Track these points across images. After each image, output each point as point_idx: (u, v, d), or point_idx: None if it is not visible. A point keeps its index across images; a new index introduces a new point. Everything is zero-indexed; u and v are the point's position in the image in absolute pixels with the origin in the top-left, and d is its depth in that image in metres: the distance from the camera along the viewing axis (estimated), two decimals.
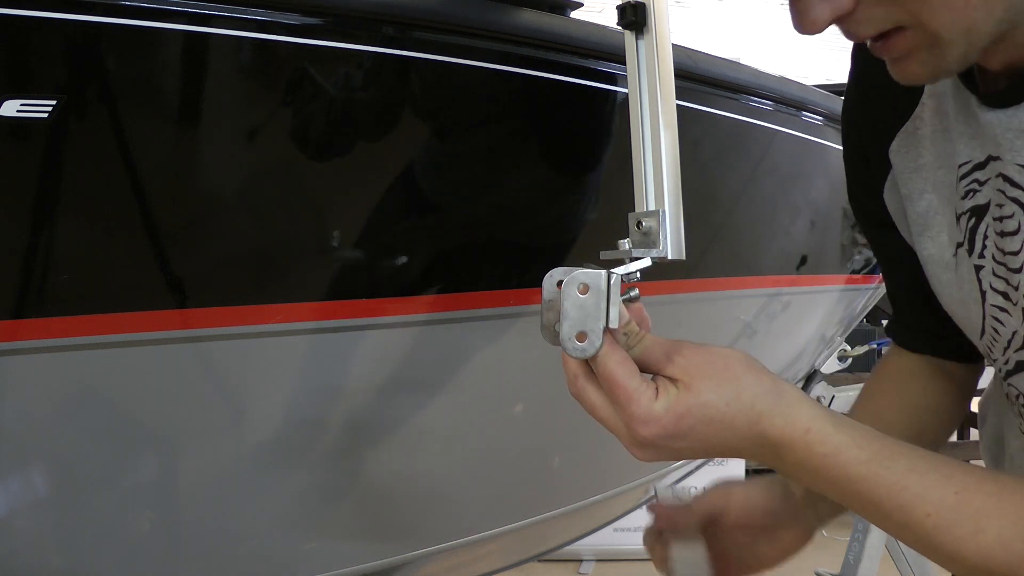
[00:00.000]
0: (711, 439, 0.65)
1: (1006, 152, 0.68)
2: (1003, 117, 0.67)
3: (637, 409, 0.64)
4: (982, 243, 0.74)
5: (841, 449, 0.64)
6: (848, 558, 2.79)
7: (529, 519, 1.60)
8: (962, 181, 0.75)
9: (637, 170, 0.83)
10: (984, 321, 0.77)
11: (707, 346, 0.67)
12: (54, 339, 1.00)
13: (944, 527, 0.63)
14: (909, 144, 0.82)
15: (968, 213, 0.75)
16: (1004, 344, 0.75)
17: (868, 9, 0.60)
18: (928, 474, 0.64)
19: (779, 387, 0.66)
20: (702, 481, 3.55)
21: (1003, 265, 0.72)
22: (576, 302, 0.63)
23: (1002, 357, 0.76)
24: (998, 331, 0.75)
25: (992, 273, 0.74)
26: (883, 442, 0.66)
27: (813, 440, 0.64)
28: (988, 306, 0.75)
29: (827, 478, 0.65)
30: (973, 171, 0.74)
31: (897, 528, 0.66)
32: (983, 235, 0.74)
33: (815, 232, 1.99)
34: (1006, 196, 0.69)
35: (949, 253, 0.80)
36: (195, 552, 1.24)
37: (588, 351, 0.63)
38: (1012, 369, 0.75)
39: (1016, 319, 0.72)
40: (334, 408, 1.26)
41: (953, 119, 0.76)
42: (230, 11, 0.99)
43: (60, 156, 0.95)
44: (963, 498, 0.63)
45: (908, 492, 0.63)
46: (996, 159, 0.70)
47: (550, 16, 1.22)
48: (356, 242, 1.17)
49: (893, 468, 0.64)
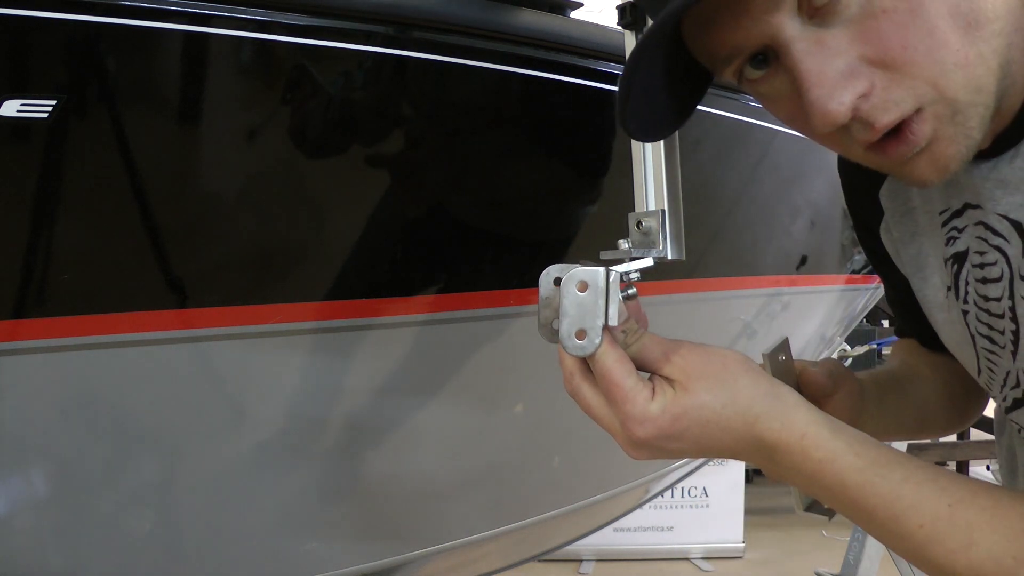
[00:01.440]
0: (706, 440, 0.65)
1: (986, 202, 0.68)
2: (982, 169, 0.67)
3: (633, 409, 0.63)
4: (964, 288, 0.74)
5: (837, 455, 0.64)
6: (848, 558, 2.79)
7: (529, 519, 1.60)
8: (943, 228, 0.76)
9: (637, 170, 0.83)
10: (979, 361, 0.77)
11: (705, 347, 0.67)
12: (54, 339, 1.00)
13: (936, 539, 0.63)
14: (896, 188, 0.82)
15: (951, 259, 0.76)
16: (1000, 383, 0.75)
17: (886, 92, 0.59)
18: (923, 485, 0.64)
19: (776, 390, 0.66)
20: (702, 480, 3.53)
21: (986, 311, 0.72)
22: (575, 300, 0.63)
23: (1000, 394, 0.76)
24: (993, 371, 0.75)
25: (976, 319, 0.74)
26: (880, 450, 0.65)
27: (809, 445, 0.64)
28: (979, 348, 0.76)
29: (822, 484, 0.65)
30: (952, 219, 0.74)
31: (889, 537, 0.66)
32: (965, 281, 0.74)
33: (815, 232, 1.99)
34: (988, 244, 0.69)
35: (941, 295, 0.80)
36: (195, 552, 1.24)
37: (587, 349, 0.63)
38: (1011, 406, 0.75)
39: (1007, 360, 0.72)
40: (334, 408, 1.26)
41: None
42: (230, 11, 0.99)
43: (60, 156, 0.95)
44: (956, 511, 0.63)
45: (902, 502, 0.63)
46: (975, 207, 0.70)
47: (550, 16, 1.22)
48: (356, 242, 1.17)
49: (889, 477, 0.64)
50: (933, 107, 0.59)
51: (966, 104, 0.59)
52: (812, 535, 4.26)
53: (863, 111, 0.59)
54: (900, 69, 0.58)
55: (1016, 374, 0.72)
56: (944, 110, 0.59)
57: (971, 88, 0.59)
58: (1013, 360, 0.71)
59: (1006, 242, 0.68)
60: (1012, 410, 0.76)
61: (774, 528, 4.45)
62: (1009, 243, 0.67)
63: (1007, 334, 0.70)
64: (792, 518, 5.05)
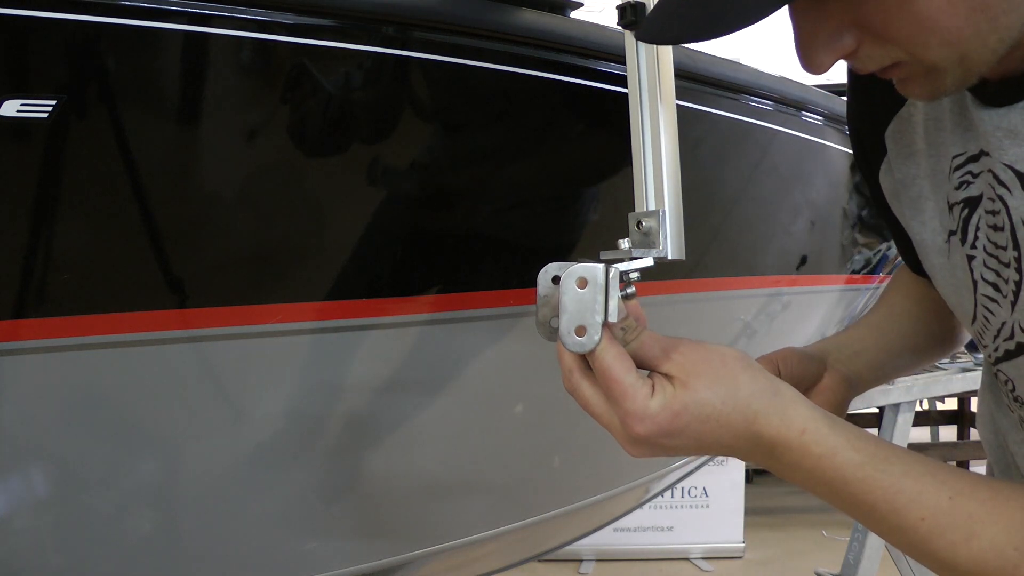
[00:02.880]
0: (706, 437, 0.65)
1: (994, 150, 0.69)
2: (994, 116, 0.68)
3: (632, 405, 0.63)
4: (974, 234, 0.75)
5: (837, 451, 0.64)
6: (848, 558, 2.79)
7: (529, 519, 1.60)
8: (956, 172, 0.76)
9: (637, 170, 0.83)
10: (976, 309, 0.78)
11: (704, 344, 0.67)
12: (54, 339, 1.00)
13: (938, 532, 0.63)
14: (903, 129, 0.83)
15: (962, 204, 0.76)
16: (994, 332, 0.76)
17: (868, 48, 0.62)
18: (923, 478, 0.64)
19: (775, 386, 0.66)
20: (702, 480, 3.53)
21: (995, 258, 0.73)
22: (575, 296, 0.63)
23: (992, 344, 0.77)
24: (988, 320, 0.76)
25: (984, 264, 0.74)
26: (879, 445, 0.66)
27: (809, 441, 0.64)
28: (979, 295, 0.76)
29: (822, 479, 0.65)
30: (967, 163, 0.75)
31: (891, 532, 0.66)
32: (975, 226, 0.74)
33: (815, 232, 1.99)
34: (995, 192, 0.70)
35: (941, 239, 0.80)
36: (195, 552, 1.24)
37: (587, 345, 0.63)
38: (1002, 356, 0.76)
39: (1005, 310, 0.73)
40: (334, 408, 1.26)
41: (947, 110, 0.77)
42: (230, 11, 0.99)
43: (60, 156, 0.95)
44: (957, 503, 0.63)
45: (903, 496, 0.63)
46: (987, 155, 0.71)
47: (550, 16, 1.22)
48: (356, 242, 1.17)
49: (888, 471, 0.64)
50: (911, 63, 0.63)
51: (943, 70, 0.62)
52: (812, 535, 4.26)
53: (847, 60, 0.64)
54: (886, 40, 0.61)
55: (1013, 325, 0.72)
56: (920, 68, 0.63)
57: (953, 59, 0.61)
58: (1012, 311, 0.72)
59: (1008, 192, 0.68)
60: (1002, 361, 0.76)
61: (774, 528, 4.46)
62: (1011, 194, 0.68)
63: (1010, 283, 0.71)
64: (792, 518, 5.05)
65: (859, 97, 0.90)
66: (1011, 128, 0.67)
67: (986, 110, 0.68)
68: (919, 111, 0.81)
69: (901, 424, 2.83)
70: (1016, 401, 0.79)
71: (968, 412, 5.16)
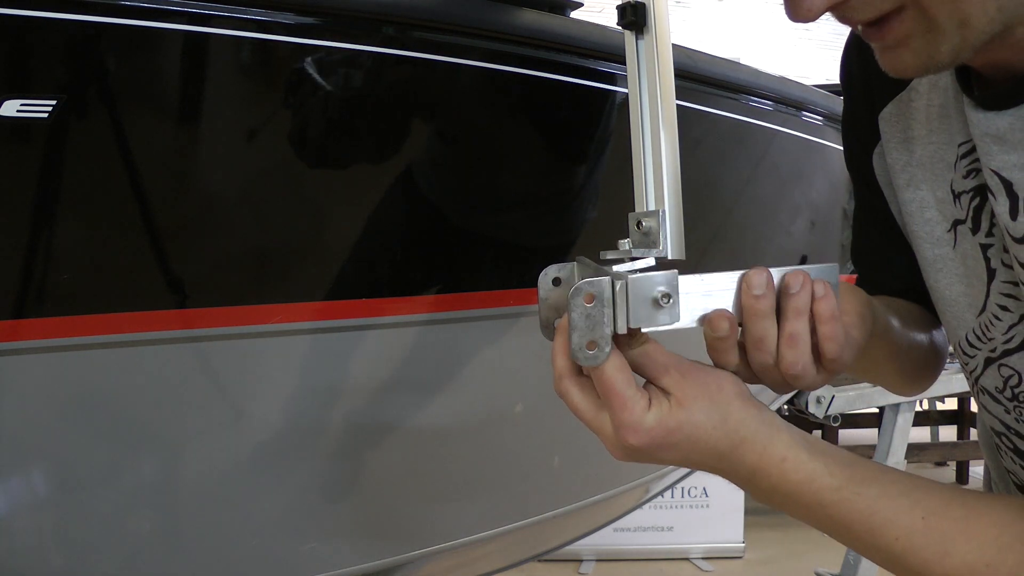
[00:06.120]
0: (692, 455, 0.68)
1: (983, 155, 0.69)
2: (983, 119, 0.68)
3: (629, 417, 0.65)
4: (989, 222, 0.75)
5: (815, 476, 0.67)
6: (848, 558, 2.79)
7: (529, 519, 1.60)
8: (963, 160, 0.76)
9: (637, 170, 0.83)
10: (988, 299, 0.77)
11: (704, 366, 0.69)
12: (54, 339, 1.00)
13: (912, 551, 0.66)
14: (901, 114, 0.83)
15: (972, 192, 0.76)
16: (1008, 324, 0.76)
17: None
18: (898, 499, 0.67)
19: (763, 415, 0.69)
20: (702, 480, 3.51)
21: None
22: (583, 312, 0.64)
23: (1001, 336, 0.77)
24: (1006, 308, 0.76)
25: (1003, 250, 0.74)
26: (855, 468, 0.68)
27: (788, 468, 0.67)
28: (998, 283, 0.76)
29: (800, 503, 0.68)
30: (973, 151, 0.74)
31: (868, 550, 0.69)
32: (990, 215, 0.74)
33: (815, 232, 1.99)
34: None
35: (941, 229, 0.80)
36: (195, 552, 1.24)
37: (599, 358, 0.64)
38: (1013, 348, 0.76)
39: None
40: (334, 408, 1.26)
41: (953, 97, 0.76)
42: (230, 11, 0.99)
43: (60, 156, 0.95)
44: (930, 523, 0.66)
45: (878, 517, 0.66)
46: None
47: (550, 16, 1.22)
48: (355, 242, 1.17)
49: (864, 494, 0.67)
50: (912, 13, 0.61)
51: (944, 30, 0.61)
52: (812, 535, 4.23)
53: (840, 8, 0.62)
54: None
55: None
56: (920, 23, 0.61)
57: (955, 19, 0.60)
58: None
59: (994, 198, 0.69)
60: (1014, 352, 0.77)
61: (774, 528, 4.45)
62: (996, 200, 0.69)
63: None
64: (792, 518, 5.03)
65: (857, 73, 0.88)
66: (998, 134, 0.68)
67: (976, 112, 0.69)
68: (921, 96, 0.80)
69: (901, 424, 2.83)
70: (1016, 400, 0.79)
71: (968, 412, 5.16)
